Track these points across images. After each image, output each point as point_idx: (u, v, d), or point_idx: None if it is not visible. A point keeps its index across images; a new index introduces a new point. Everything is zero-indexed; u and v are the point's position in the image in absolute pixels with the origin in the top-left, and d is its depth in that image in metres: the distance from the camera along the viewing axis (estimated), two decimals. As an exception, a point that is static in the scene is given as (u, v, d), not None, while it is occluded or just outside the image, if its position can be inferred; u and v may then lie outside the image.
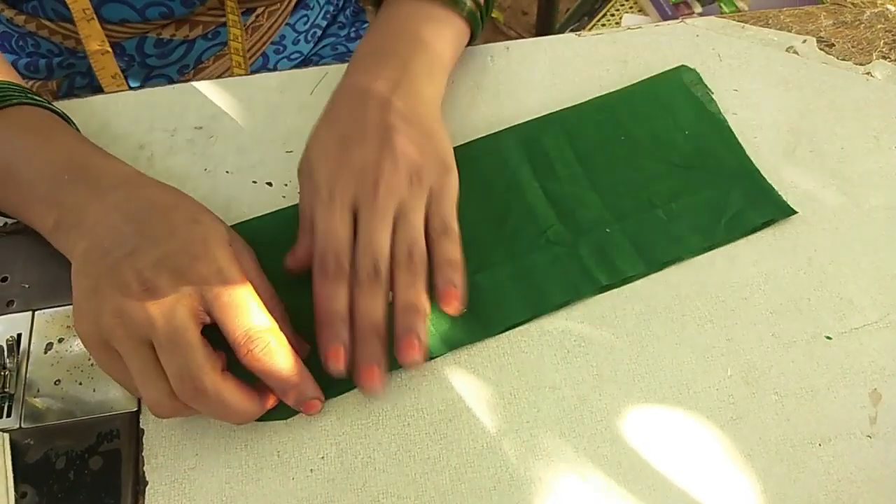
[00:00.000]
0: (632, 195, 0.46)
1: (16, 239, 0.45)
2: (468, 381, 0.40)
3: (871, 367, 0.40)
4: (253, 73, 0.67)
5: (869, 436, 0.38)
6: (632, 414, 0.39)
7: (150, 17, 0.58)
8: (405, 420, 0.39)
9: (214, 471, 0.38)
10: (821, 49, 0.53)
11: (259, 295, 0.37)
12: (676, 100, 0.50)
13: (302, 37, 0.68)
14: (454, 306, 0.40)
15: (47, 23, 0.57)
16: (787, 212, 0.45)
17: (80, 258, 0.38)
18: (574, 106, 0.50)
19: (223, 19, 0.61)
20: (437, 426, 0.39)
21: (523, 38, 0.55)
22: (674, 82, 0.51)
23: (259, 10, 0.64)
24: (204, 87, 0.52)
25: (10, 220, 0.46)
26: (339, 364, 0.37)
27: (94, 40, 0.55)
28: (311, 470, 0.38)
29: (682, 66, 0.51)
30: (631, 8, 0.96)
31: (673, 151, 0.47)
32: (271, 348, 0.36)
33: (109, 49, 0.57)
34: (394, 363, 0.39)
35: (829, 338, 0.41)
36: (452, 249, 0.41)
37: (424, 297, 0.39)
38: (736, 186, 0.46)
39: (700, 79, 0.51)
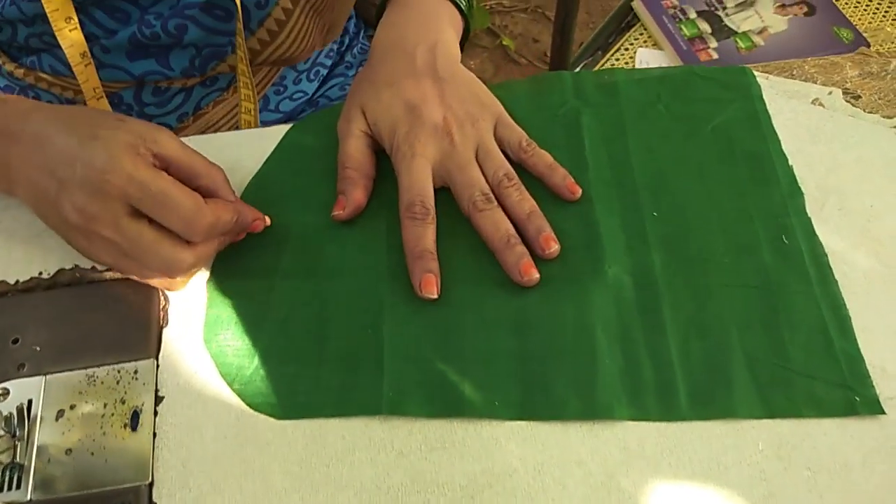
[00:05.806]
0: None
1: (27, 297, 0.44)
2: (491, 454, 0.39)
3: (908, 441, 0.39)
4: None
5: (907, 516, 0.37)
6: (661, 490, 0.38)
7: (148, 80, 0.58)
8: (425, 497, 0.38)
9: (229, 549, 0.37)
10: (847, 101, 0.52)
11: (187, 170, 0.42)
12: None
13: (304, 76, 0.67)
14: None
15: (45, 76, 0.57)
16: (873, 407, 0.40)
17: (31, 205, 0.43)
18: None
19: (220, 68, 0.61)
20: (459, 503, 0.38)
21: (534, 65, 0.54)
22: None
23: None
24: (242, 136, 0.51)
25: (21, 278, 0.45)
26: (432, 289, 0.43)
27: (91, 84, 0.56)
28: (330, 549, 0.37)
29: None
30: (645, 42, 0.96)
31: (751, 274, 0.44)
32: (206, 219, 0.40)
33: (104, 95, 0.57)
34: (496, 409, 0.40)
35: (863, 409, 0.40)
36: (542, 156, 0.48)
37: (533, 202, 0.46)
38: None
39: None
